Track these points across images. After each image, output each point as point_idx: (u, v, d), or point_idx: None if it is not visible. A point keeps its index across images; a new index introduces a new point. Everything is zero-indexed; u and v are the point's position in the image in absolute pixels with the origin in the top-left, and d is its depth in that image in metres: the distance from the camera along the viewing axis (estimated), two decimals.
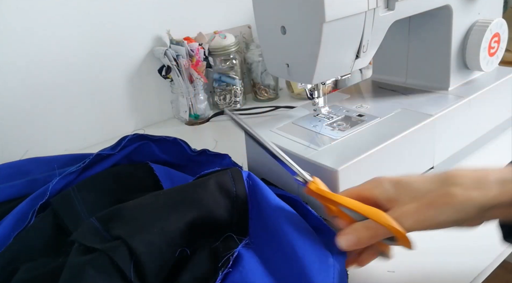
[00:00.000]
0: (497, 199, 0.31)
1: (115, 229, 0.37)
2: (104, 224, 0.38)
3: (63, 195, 0.47)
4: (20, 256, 0.41)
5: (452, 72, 0.59)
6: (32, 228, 0.44)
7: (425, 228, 0.33)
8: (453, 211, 0.31)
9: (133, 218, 0.37)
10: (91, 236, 0.37)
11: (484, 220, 0.34)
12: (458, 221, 0.32)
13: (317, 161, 0.46)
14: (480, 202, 0.31)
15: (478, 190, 0.31)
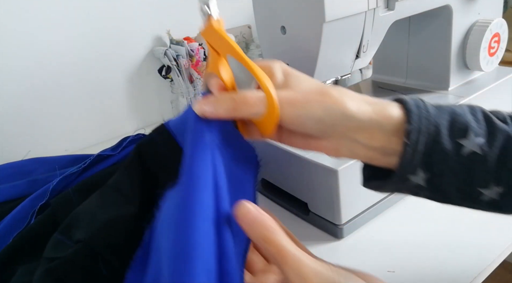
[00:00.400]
0: (367, 116, 0.30)
1: (76, 235, 0.37)
2: (66, 234, 0.38)
3: (63, 196, 0.47)
4: (18, 257, 0.41)
5: (452, 72, 0.59)
6: (31, 229, 0.44)
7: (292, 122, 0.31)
8: (321, 108, 0.30)
9: (88, 219, 0.38)
10: (56, 248, 0.37)
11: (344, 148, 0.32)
12: (321, 122, 0.30)
13: (317, 161, 0.46)
14: (351, 111, 0.30)
15: (353, 101, 0.31)
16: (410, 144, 0.29)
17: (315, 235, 0.49)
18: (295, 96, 0.31)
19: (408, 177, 0.31)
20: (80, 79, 0.80)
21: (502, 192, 0.30)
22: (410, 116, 0.30)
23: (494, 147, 0.30)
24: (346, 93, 0.31)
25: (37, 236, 0.43)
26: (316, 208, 0.49)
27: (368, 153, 0.32)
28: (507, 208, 0.31)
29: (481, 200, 0.31)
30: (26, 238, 0.43)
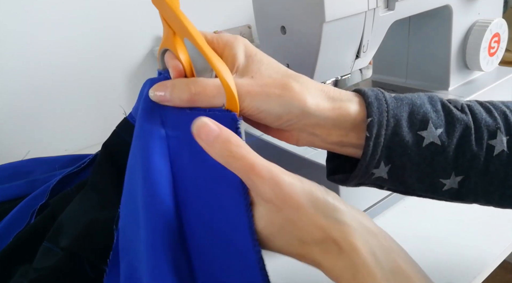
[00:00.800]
0: (325, 114, 0.30)
1: (61, 242, 0.37)
2: (54, 241, 0.38)
3: (62, 196, 0.47)
4: (18, 257, 0.41)
5: (452, 72, 0.59)
6: (31, 229, 0.44)
7: (251, 114, 0.30)
8: (280, 105, 0.29)
9: (70, 225, 0.38)
10: (44, 257, 0.37)
11: (302, 139, 0.33)
12: (280, 118, 0.30)
13: (317, 161, 0.46)
14: (309, 109, 0.30)
15: (313, 97, 0.30)
16: (372, 137, 0.30)
17: None
18: (255, 89, 0.30)
19: (371, 170, 0.31)
20: (80, 79, 0.80)
21: (461, 181, 0.31)
22: (370, 109, 0.30)
23: (453, 138, 0.30)
24: (308, 86, 0.31)
25: (36, 236, 0.43)
26: None
27: (326, 145, 0.32)
28: (467, 197, 0.32)
29: (442, 190, 0.32)
30: (26, 238, 0.43)
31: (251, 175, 0.25)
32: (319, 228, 0.26)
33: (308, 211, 0.26)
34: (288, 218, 0.26)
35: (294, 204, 0.26)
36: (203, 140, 0.26)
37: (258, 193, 0.26)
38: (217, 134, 0.25)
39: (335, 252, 0.25)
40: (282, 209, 0.26)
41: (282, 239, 0.26)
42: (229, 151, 0.25)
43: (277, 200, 0.26)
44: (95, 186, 0.40)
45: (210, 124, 0.26)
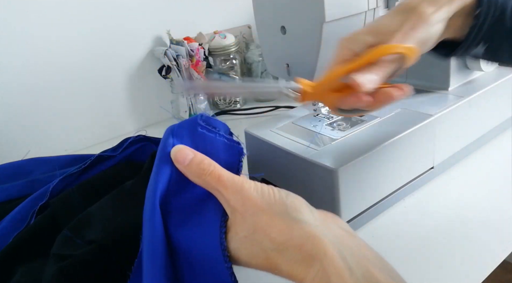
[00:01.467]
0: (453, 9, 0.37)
1: (87, 235, 0.37)
2: (77, 232, 0.38)
3: (63, 196, 0.47)
4: (18, 257, 0.41)
5: (452, 72, 0.59)
6: (31, 229, 0.44)
7: None
8: (428, 25, 0.36)
9: (102, 221, 0.38)
10: (66, 246, 0.37)
11: None
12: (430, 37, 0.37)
13: (317, 161, 0.46)
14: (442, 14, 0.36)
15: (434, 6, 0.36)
16: (476, 26, 0.37)
17: None
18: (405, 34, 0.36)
19: (470, 51, 0.39)
20: (80, 79, 0.80)
21: None
22: (481, 1, 0.36)
23: None
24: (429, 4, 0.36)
25: (37, 236, 0.43)
26: (316, 208, 0.49)
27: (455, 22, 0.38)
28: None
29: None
30: (26, 238, 0.43)
31: (218, 185, 0.28)
32: (279, 230, 0.26)
33: (266, 213, 0.27)
34: (250, 225, 0.27)
35: (252, 207, 0.27)
36: (179, 163, 0.29)
37: (226, 204, 0.28)
38: (191, 157, 0.29)
39: (300, 260, 0.25)
40: (244, 215, 0.27)
41: (247, 250, 0.27)
42: (201, 169, 0.29)
43: (239, 206, 0.27)
44: (133, 192, 0.40)
45: (185, 149, 0.30)
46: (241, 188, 0.28)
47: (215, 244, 0.27)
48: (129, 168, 0.53)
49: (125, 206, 0.39)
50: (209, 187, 0.29)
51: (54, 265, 0.36)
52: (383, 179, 0.49)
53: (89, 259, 0.35)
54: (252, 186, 0.28)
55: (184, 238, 0.29)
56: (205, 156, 0.30)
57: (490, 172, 0.56)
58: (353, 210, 0.47)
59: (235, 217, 0.28)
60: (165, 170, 0.31)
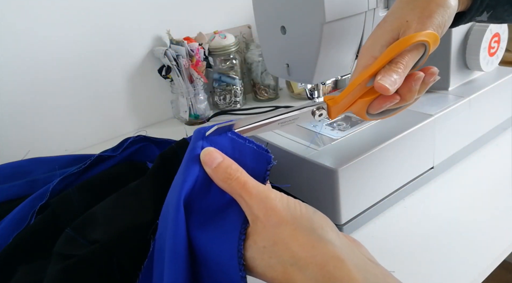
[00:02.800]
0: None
1: (91, 235, 0.37)
2: (80, 232, 0.38)
3: (63, 196, 0.47)
4: (18, 257, 0.41)
5: (452, 72, 0.59)
6: (31, 229, 0.44)
7: None
8: (444, 9, 0.35)
9: (105, 221, 0.38)
10: (69, 245, 0.37)
11: None
12: (447, 19, 0.36)
13: (317, 161, 0.46)
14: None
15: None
16: None
17: None
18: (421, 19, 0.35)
19: (474, 18, 0.40)
20: (80, 79, 0.80)
21: None
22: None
23: None
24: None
25: (37, 236, 0.43)
26: (316, 208, 0.49)
27: None
28: None
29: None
30: (26, 238, 0.43)
31: (242, 192, 0.28)
32: (302, 245, 0.25)
33: (289, 226, 0.26)
34: (271, 236, 0.26)
35: (276, 217, 0.26)
36: (208, 166, 0.29)
37: (248, 212, 0.28)
38: (219, 161, 0.29)
39: (320, 280, 0.24)
40: (266, 225, 0.26)
41: (264, 261, 0.26)
42: (228, 174, 0.28)
43: (262, 215, 0.27)
44: (137, 192, 0.40)
45: (214, 152, 0.29)
46: (266, 197, 0.27)
47: (233, 251, 0.27)
48: (129, 168, 0.53)
49: (129, 207, 0.39)
50: (234, 192, 0.29)
51: (57, 264, 0.36)
52: (383, 179, 0.49)
53: (92, 259, 0.35)
54: (278, 197, 0.28)
55: (202, 240, 0.29)
56: (233, 162, 0.30)
57: (490, 172, 0.56)
58: (353, 210, 0.47)
59: (256, 226, 0.27)
60: (192, 171, 0.30)
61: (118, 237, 0.36)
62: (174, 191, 0.31)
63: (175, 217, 0.29)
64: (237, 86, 0.93)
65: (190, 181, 0.30)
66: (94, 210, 0.40)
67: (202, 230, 0.30)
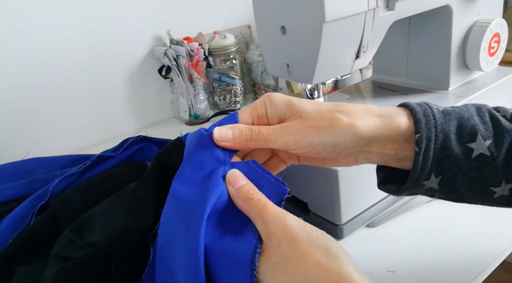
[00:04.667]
0: (377, 131, 0.32)
1: (88, 237, 0.37)
2: (78, 234, 0.38)
3: (63, 197, 0.47)
4: (18, 257, 0.41)
5: (452, 72, 0.59)
6: (31, 229, 0.44)
7: (302, 149, 0.33)
8: (333, 135, 0.32)
9: (103, 223, 0.38)
10: (67, 247, 0.37)
11: (360, 158, 0.34)
12: (336, 147, 0.32)
13: None
14: (361, 131, 0.32)
15: (362, 120, 0.32)
16: (421, 152, 0.31)
17: None
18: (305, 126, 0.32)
19: (421, 182, 0.32)
20: (80, 79, 0.80)
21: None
22: (418, 126, 0.31)
23: (501, 148, 0.31)
24: (354, 111, 0.33)
25: (36, 237, 0.43)
26: (316, 208, 0.49)
27: (382, 159, 0.34)
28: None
29: (493, 197, 0.32)
30: (26, 239, 0.43)
31: (262, 211, 0.29)
32: (316, 262, 0.25)
33: (304, 243, 0.26)
34: (284, 252, 0.26)
35: (291, 234, 0.27)
36: (232, 186, 0.31)
37: (264, 229, 0.28)
38: (244, 184, 0.31)
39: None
40: (281, 241, 0.27)
41: (275, 278, 0.26)
42: (250, 194, 0.30)
43: (278, 231, 0.27)
44: (135, 194, 0.40)
45: (240, 176, 0.32)
46: (284, 217, 0.28)
47: (246, 263, 0.27)
48: (129, 168, 0.53)
49: (127, 209, 0.39)
50: (253, 212, 0.30)
51: (54, 266, 0.36)
52: None
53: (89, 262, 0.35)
54: (295, 218, 0.28)
55: (215, 254, 0.29)
56: (255, 187, 0.31)
57: None
58: (353, 210, 0.47)
59: (270, 243, 0.27)
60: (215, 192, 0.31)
61: (115, 240, 0.36)
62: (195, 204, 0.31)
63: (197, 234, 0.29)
64: (237, 86, 0.93)
65: (213, 201, 0.31)
66: (92, 212, 0.40)
67: (217, 241, 0.30)
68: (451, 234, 0.46)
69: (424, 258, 0.43)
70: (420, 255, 0.44)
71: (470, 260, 0.42)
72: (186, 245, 0.30)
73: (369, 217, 0.49)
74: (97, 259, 0.35)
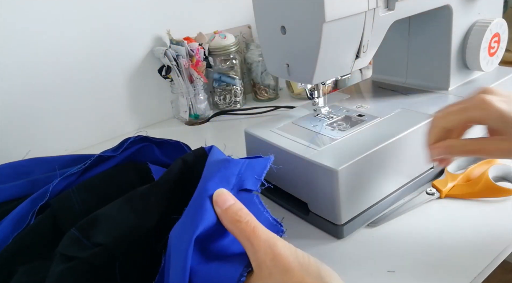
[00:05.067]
0: None
1: (95, 237, 0.37)
2: (84, 233, 0.38)
3: (63, 197, 0.47)
4: (18, 257, 0.41)
5: (452, 72, 0.59)
6: (31, 229, 0.44)
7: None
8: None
9: (111, 223, 0.38)
10: (73, 246, 0.37)
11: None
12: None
13: (317, 161, 0.46)
14: None
15: None
16: None
17: (315, 235, 0.49)
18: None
19: None
20: (80, 79, 0.80)
21: None
22: None
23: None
24: None
25: (36, 237, 0.43)
26: (316, 208, 0.49)
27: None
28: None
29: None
30: (26, 239, 0.43)
31: (251, 237, 0.28)
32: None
33: (297, 273, 0.26)
34: (277, 282, 0.26)
35: (283, 264, 0.26)
36: (219, 206, 0.30)
37: (254, 257, 0.27)
38: (231, 204, 0.30)
39: None
40: (272, 271, 0.26)
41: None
42: (238, 216, 0.29)
43: (268, 261, 0.26)
44: (146, 197, 0.40)
45: (227, 194, 0.30)
46: (274, 244, 0.27)
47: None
48: (129, 168, 0.53)
49: (135, 211, 0.39)
50: (241, 236, 0.29)
51: (59, 265, 0.36)
52: (383, 179, 0.49)
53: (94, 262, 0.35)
54: (286, 245, 0.28)
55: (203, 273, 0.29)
56: (244, 207, 0.30)
57: None
58: (353, 210, 0.47)
59: (261, 272, 0.27)
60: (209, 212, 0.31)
61: (122, 241, 0.36)
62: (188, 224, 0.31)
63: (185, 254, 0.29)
64: (237, 86, 0.93)
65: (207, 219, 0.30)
66: (100, 212, 0.40)
67: (202, 266, 0.30)
68: (451, 234, 0.46)
69: (424, 258, 0.43)
70: (420, 255, 0.44)
71: (470, 260, 0.42)
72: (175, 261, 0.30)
73: (369, 217, 0.49)
74: (102, 260, 0.35)
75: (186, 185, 0.41)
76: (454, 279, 0.40)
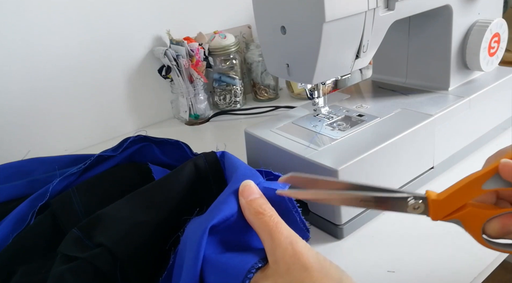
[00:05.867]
0: None
1: (96, 237, 0.37)
2: (86, 233, 0.38)
3: (63, 197, 0.47)
4: (18, 257, 0.41)
5: (452, 72, 0.59)
6: (31, 229, 0.44)
7: None
8: None
9: (113, 223, 0.38)
10: (74, 246, 0.37)
11: None
12: None
13: (317, 161, 0.46)
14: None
15: None
16: None
17: (315, 235, 0.49)
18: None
19: None
20: (80, 79, 0.80)
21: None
22: None
23: None
24: None
25: (36, 237, 0.43)
26: (316, 208, 0.49)
27: None
28: None
29: None
30: (26, 239, 0.43)
31: (273, 231, 0.28)
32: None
33: (317, 273, 0.25)
34: (295, 279, 0.25)
35: (303, 262, 0.26)
36: (244, 197, 0.30)
37: (272, 251, 0.27)
38: (257, 197, 0.30)
39: None
40: (291, 268, 0.26)
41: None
42: (263, 209, 0.29)
43: (288, 257, 0.26)
44: (149, 196, 0.40)
45: (254, 188, 0.31)
46: (295, 241, 0.27)
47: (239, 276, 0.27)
48: (129, 168, 0.53)
49: (137, 211, 0.39)
50: (263, 229, 0.28)
51: (61, 265, 0.36)
52: (383, 179, 0.49)
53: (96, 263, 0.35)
54: (307, 246, 0.27)
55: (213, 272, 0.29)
56: (268, 202, 0.30)
57: None
58: (353, 210, 0.47)
59: (278, 267, 0.26)
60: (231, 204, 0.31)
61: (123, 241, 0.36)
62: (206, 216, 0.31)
63: (199, 242, 0.29)
64: (237, 86, 0.93)
65: (225, 210, 0.30)
66: (103, 212, 0.40)
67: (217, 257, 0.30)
68: (451, 234, 0.46)
69: (424, 258, 0.43)
70: (420, 255, 0.44)
71: (470, 260, 0.42)
72: (189, 254, 0.30)
73: (369, 217, 0.49)
74: (103, 260, 0.35)
75: (199, 190, 0.41)
76: (454, 279, 0.40)
